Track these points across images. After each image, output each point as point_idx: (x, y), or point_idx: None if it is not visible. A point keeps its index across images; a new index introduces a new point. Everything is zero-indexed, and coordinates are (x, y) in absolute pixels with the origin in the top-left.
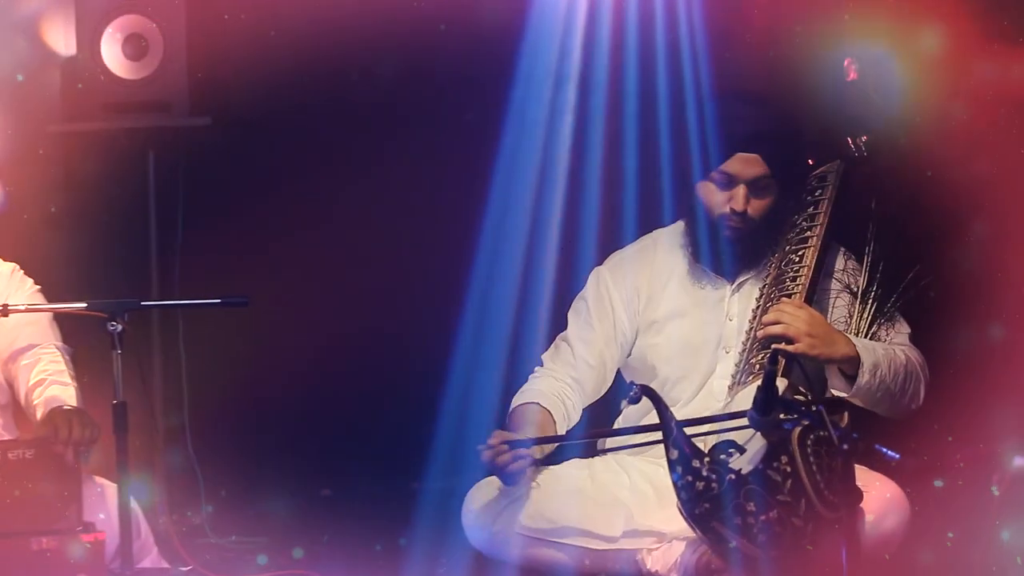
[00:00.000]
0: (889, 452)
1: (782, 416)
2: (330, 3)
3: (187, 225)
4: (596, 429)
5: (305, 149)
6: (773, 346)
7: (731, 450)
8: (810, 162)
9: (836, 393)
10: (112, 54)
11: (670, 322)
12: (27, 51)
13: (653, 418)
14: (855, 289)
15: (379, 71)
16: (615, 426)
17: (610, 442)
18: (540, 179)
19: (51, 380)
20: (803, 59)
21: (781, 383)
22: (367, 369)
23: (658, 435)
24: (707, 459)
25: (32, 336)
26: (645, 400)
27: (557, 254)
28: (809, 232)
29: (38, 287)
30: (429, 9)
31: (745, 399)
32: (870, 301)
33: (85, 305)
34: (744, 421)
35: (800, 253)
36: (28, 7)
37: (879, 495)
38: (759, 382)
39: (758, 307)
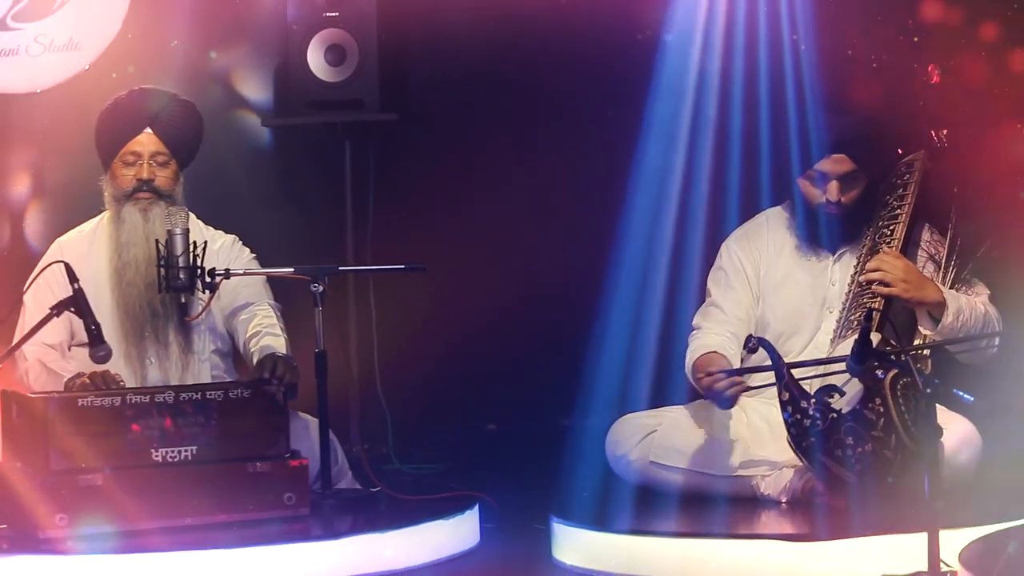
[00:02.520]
0: (965, 395)
1: (876, 365)
2: (493, 21)
3: (377, 203)
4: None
5: (475, 139)
6: (873, 288)
7: (833, 393)
8: (899, 151)
9: (923, 331)
10: (316, 61)
11: (782, 287)
12: (246, 61)
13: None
14: (938, 258)
15: (535, 71)
16: None
17: None
18: (676, 165)
19: (264, 332)
20: (893, 65)
21: (875, 337)
22: (528, 322)
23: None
24: (813, 400)
25: (249, 296)
26: (761, 350)
27: (705, 215)
28: (899, 210)
29: (254, 255)
30: (581, 16)
31: (844, 351)
32: (951, 268)
33: (292, 270)
34: (841, 364)
35: (891, 228)
36: (247, 26)
37: (956, 432)
38: (856, 336)
39: (856, 273)
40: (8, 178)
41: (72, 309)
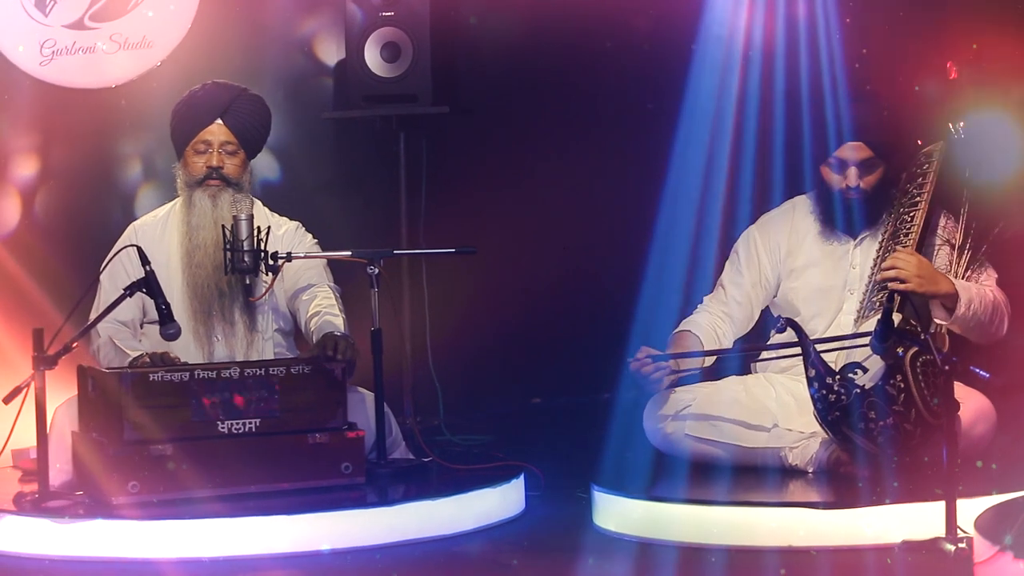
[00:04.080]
0: (981, 372)
1: (897, 343)
2: (538, 19)
3: (429, 191)
4: (718, 348)
5: (521, 130)
6: (889, 285)
7: (856, 370)
8: (919, 142)
9: (938, 322)
10: (372, 57)
11: (807, 270)
12: (307, 58)
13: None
14: (953, 243)
15: (577, 66)
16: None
17: (760, 365)
18: (709, 154)
19: (324, 312)
20: (912, 62)
21: (896, 317)
22: (570, 302)
23: (799, 359)
24: (838, 377)
25: (310, 278)
26: (789, 330)
27: (722, 204)
28: (918, 198)
29: (316, 240)
30: (623, 13)
31: (867, 330)
32: (965, 251)
33: (350, 253)
34: (863, 341)
35: (911, 214)
36: (309, 26)
37: (972, 406)
38: (879, 316)
39: (877, 257)
40: (119, 164)
41: (144, 290)
